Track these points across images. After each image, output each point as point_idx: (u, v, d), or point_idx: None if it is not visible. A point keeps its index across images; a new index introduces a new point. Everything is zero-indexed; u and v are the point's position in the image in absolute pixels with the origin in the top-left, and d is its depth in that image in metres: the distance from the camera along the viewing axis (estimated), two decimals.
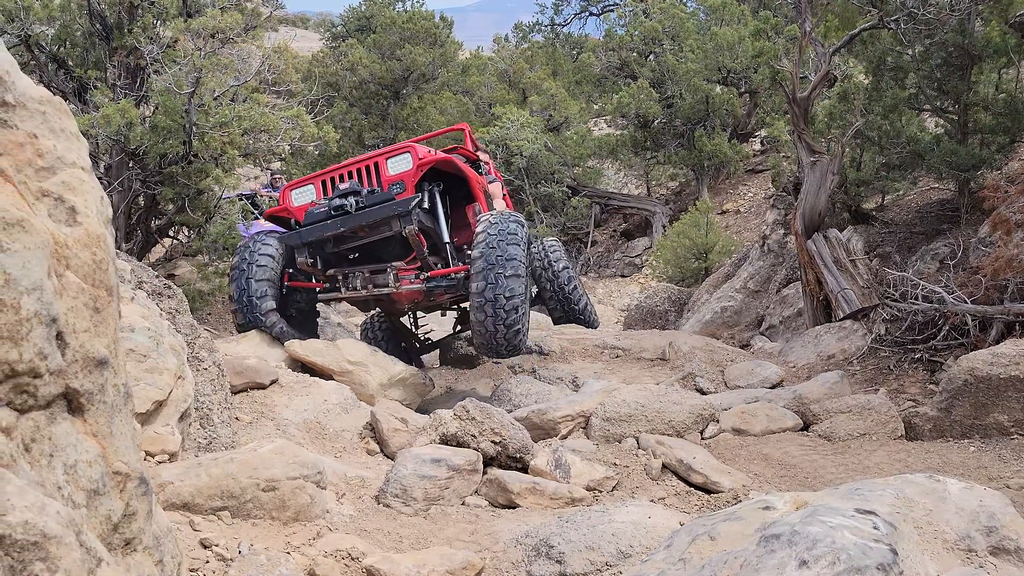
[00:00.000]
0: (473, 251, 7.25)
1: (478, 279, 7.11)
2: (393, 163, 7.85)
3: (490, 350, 7.40)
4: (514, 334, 7.28)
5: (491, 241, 7.21)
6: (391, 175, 7.79)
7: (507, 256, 7.14)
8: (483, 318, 7.11)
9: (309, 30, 43.76)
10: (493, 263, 7.09)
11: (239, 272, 7.77)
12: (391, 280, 7.69)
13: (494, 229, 7.29)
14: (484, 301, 7.08)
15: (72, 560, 1.52)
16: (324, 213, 7.60)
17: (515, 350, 7.43)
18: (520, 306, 7.23)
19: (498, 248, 7.16)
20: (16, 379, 1.60)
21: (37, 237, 1.65)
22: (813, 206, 9.53)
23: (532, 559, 3.81)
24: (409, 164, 7.78)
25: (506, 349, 7.37)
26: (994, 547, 2.80)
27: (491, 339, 7.21)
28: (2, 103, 1.72)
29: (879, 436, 6.29)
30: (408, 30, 24.42)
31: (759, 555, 2.50)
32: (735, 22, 22.00)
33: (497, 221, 7.39)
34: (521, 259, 7.26)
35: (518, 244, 7.28)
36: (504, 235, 7.26)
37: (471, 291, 7.17)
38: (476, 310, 7.13)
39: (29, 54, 12.10)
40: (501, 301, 7.09)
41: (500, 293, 7.07)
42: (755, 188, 21.51)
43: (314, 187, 8.05)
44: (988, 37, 9.14)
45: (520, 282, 7.23)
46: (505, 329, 7.17)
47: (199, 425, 4.82)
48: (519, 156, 20.48)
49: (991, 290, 7.61)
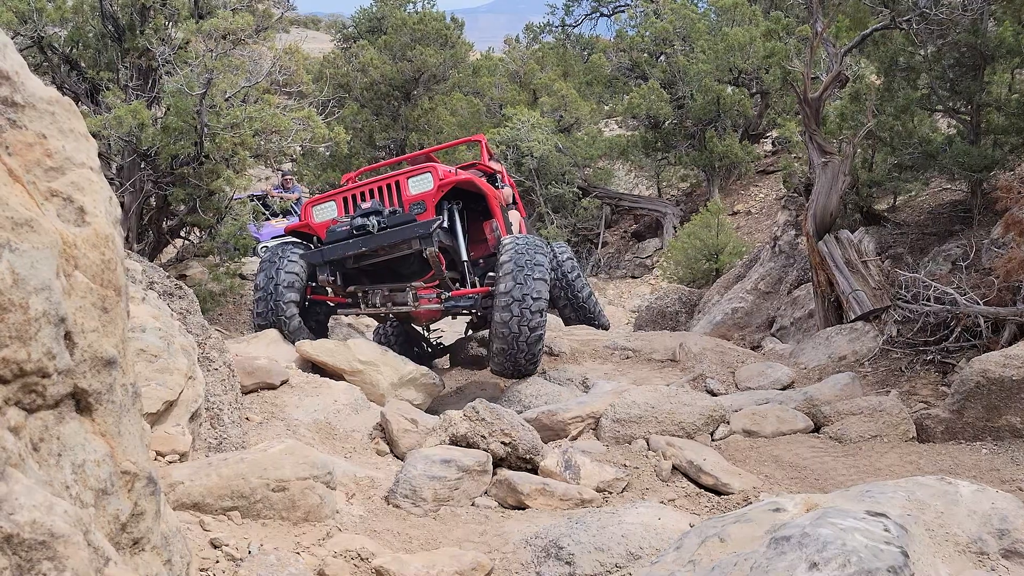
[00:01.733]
0: (502, 255, 7.48)
1: (507, 280, 7.33)
2: (414, 183, 7.99)
3: (507, 356, 7.49)
4: (536, 339, 7.45)
5: (519, 248, 7.49)
6: (412, 195, 7.93)
7: (535, 262, 7.39)
8: (508, 317, 7.25)
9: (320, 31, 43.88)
10: (522, 266, 7.30)
11: (270, 264, 7.96)
12: (410, 299, 7.85)
13: (521, 241, 7.60)
14: (511, 300, 7.26)
15: (80, 559, 1.52)
16: (346, 232, 7.70)
17: (533, 360, 7.59)
18: (543, 311, 7.44)
19: (527, 254, 7.42)
20: (24, 379, 1.60)
21: (46, 237, 1.65)
22: (824, 207, 9.49)
23: (542, 560, 3.80)
24: (430, 184, 7.93)
25: (526, 358, 7.49)
26: (1006, 550, 2.78)
27: (513, 342, 7.34)
28: (11, 103, 1.72)
29: (890, 438, 6.26)
30: (419, 31, 24.46)
31: (769, 557, 2.49)
32: (746, 23, 21.92)
33: (524, 236, 7.74)
34: (547, 266, 7.52)
35: (543, 254, 7.57)
36: (531, 244, 7.56)
37: (499, 292, 7.36)
38: (502, 310, 7.28)
39: (42, 56, 12.16)
40: (528, 302, 7.28)
41: (528, 294, 7.27)
42: (766, 189, 21.44)
43: (335, 204, 8.20)
44: (1001, 37, 9.08)
45: (545, 287, 7.44)
46: (528, 332, 7.32)
47: (209, 425, 4.83)
48: (530, 157, 20.46)
49: (1004, 292, 7.57)
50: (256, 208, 12.64)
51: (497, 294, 7.34)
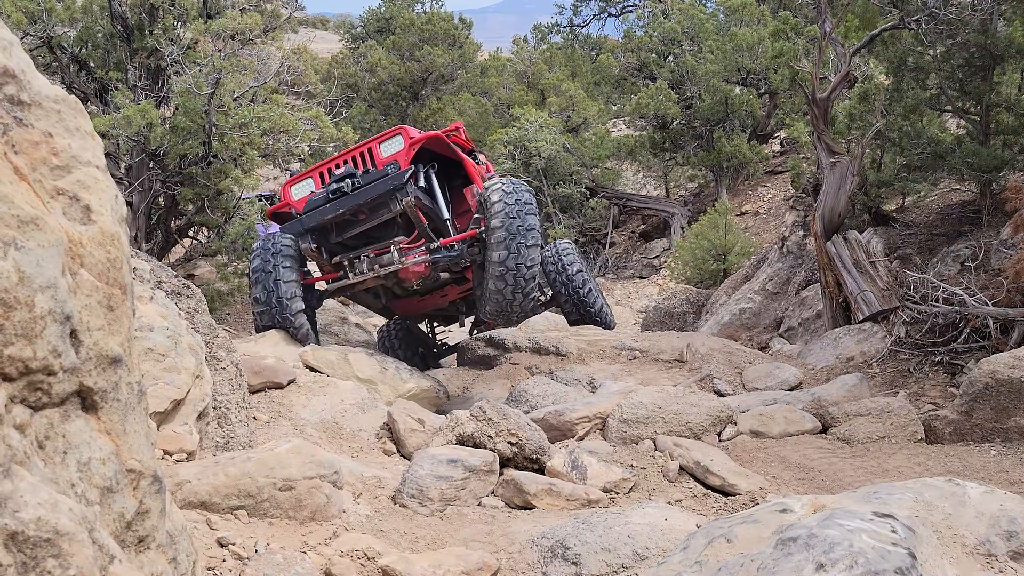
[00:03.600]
0: (492, 220, 7.36)
1: (499, 248, 7.25)
2: (386, 146, 8.07)
3: (502, 316, 7.57)
4: (529, 302, 7.52)
5: (510, 211, 7.36)
6: (384, 157, 7.99)
7: (527, 226, 7.33)
8: (503, 287, 7.26)
9: (329, 31, 43.89)
10: (515, 232, 7.26)
11: (264, 274, 7.82)
12: (396, 256, 7.79)
13: (511, 199, 7.43)
14: (505, 270, 7.25)
15: (84, 557, 1.52)
16: (323, 198, 7.77)
17: (526, 316, 7.62)
18: (536, 276, 7.45)
19: (518, 218, 7.33)
20: (30, 376, 1.60)
21: (51, 235, 1.65)
22: (833, 207, 9.47)
23: (548, 560, 3.80)
24: (401, 144, 8.01)
25: (518, 316, 7.66)
26: (1015, 552, 2.77)
27: (507, 307, 7.41)
28: (18, 102, 1.73)
29: (898, 439, 6.23)
30: (427, 31, 24.49)
31: (776, 558, 2.48)
32: (755, 23, 21.89)
33: (512, 190, 7.53)
34: (539, 229, 7.49)
35: (535, 214, 7.48)
36: (522, 204, 7.42)
37: (491, 260, 7.31)
38: (496, 279, 7.26)
39: (51, 56, 12.21)
40: (523, 271, 7.28)
41: (522, 263, 7.26)
42: (774, 189, 21.40)
43: (312, 179, 8.30)
44: (1011, 37, 9.05)
45: (538, 252, 7.46)
46: (523, 298, 7.39)
47: (217, 424, 4.84)
48: (537, 157, 20.46)
49: (1013, 292, 7.54)
50: (264, 208, 12.63)
51: (490, 263, 7.32)
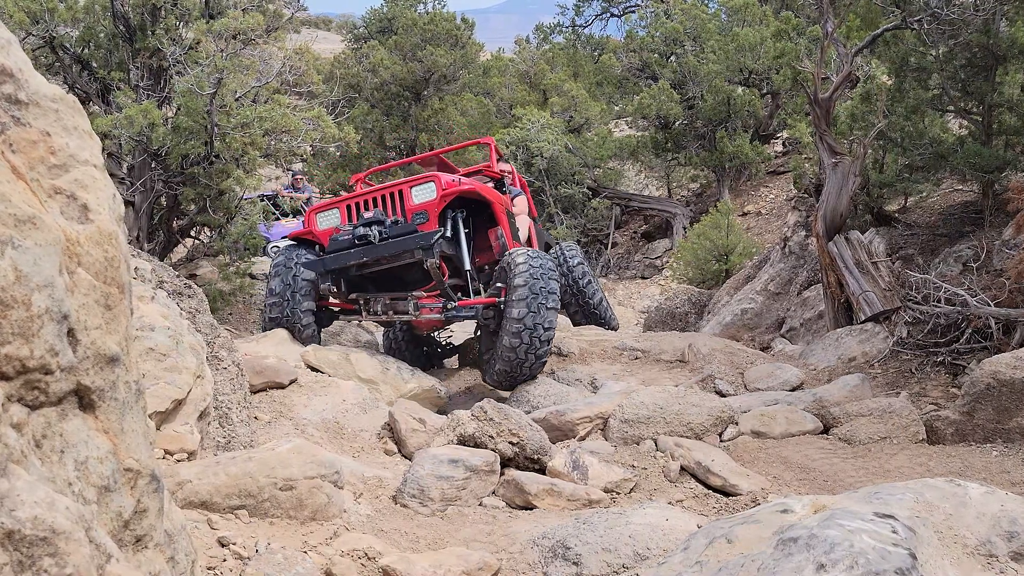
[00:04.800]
0: (515, 279, 7.39)
1: (519, 305, 7.26)
2: (417, 192, 7.97)
3: (509, 378, 7.56)
4: (540, 365, 7.55)
5: (535, 273, 7.39)
6: (415, 204, 7.91)
7: (549, 289, 7.34)
8: (517, 344, 7.25)
9: (331, 32, 43.95)
10: (537, 293, 7.28)
11: (285, 269, 7.89)
12: (411, 308, 7.86)
13: (536, 262, 7.48)
14: (523, 328, 7.24)
15: (81, 556, 1.52)
16: (348, 242, 7.72)
17: (531, 378, 7.64)
18: (551, 340, 7.50)
19: (541, 280, 7.35)
20: (27, 375, 1.60)
21: (49, 234, 1.65)
22: (835, 208, 9.46)
23: (549, 560, 3.80)
24: (433, 194, 7.90)
25: (523, 379, 7.60)
26: (1016, 552, 2.76)
27: (518, 367, 7.40)
28: (15, 101, 1.72)
29: (900, 440, 6.23)
30: (429, 32, 24.47)
31: (776, 558, 2.48)
32: (757, 23, 21.86)
33: (537, 255, 7.59)
34: (558, 296, 7.53)
35: (557, 281, 7.52)
36: (546, 270, 7.45)
37: (510, 316, 7.31)
38: (512, 335, 7.25)
39: (54, 55, 12.22)
40: (539, 331, 7.28)
41: (540, 323, 7.26)
42: (776, 190, 21.38)
43: (339, 211, 8.21)
44: (1013, 37, 9.03)
45: (556, 317, 7.48)
46: (534, 359, 7.38)
47: (218, 424, 4.84)
48: (539, 157, 20.45)
49: (1015, 293, 7.53)
50: (266, 208, 12.63)
51: (508, 319, 7.31)
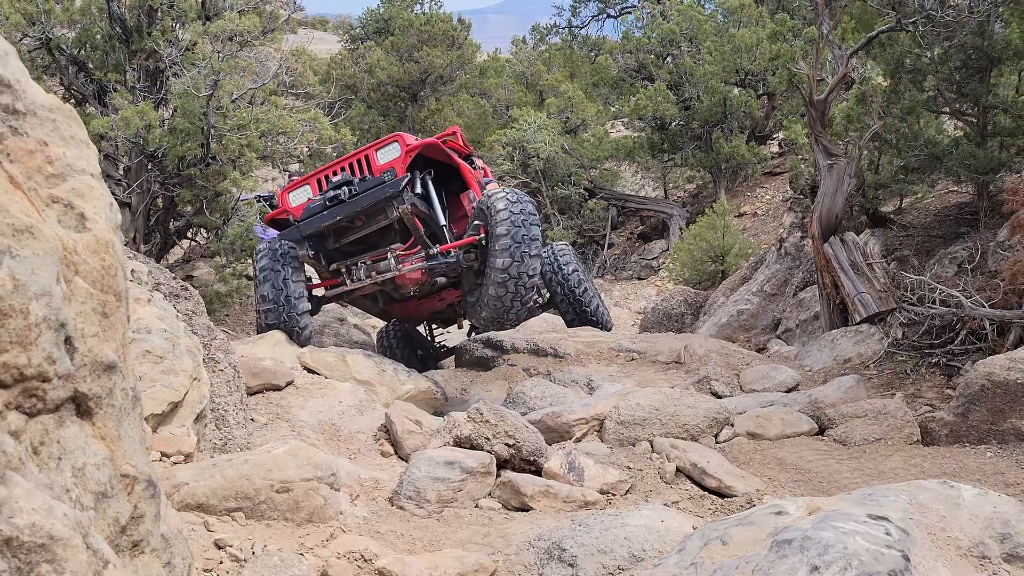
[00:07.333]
0: (497, 228, 7.42)
1: (503, 255, 7.30)
2: (382, 153, 8.15)
3: (496, 324, 7.67)
4: (525, 310, 7.61)
5: (516, 220, 7.41)
6: (381, 164, 8.06)
7: (531, 236, 7.39)
8: (503, 293, 7.32)
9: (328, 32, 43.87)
10: (519, 241, 7.32)
11: (273, 272, 7.84)
12: (392, 263, 7.86)
13: (516, 208, 7.49)
14: (508, 277, 7.30)
15: (78, 562, 1.53)
16: (320, 205, 7.82)
17: (518, 322, 7.74)
18: (536, 286, 7.66)
19: (523, 227, 7.38)
20: (25, 383, 1.61)
21: (46, 243, 1.66)
22: (830, 209, 9.48)
23: (544, 562, 3.81)
24: (398, 152, 8.08)
25: (512, 324, 7.77)
26: (1008, 554, 2.78)
27: (504, 313, 7.49)
28: (13, 111, 1.74)
29: (895, 441, 6.24)
30: (426, 32, 24.51)
31: (771, 560, 2.50)
32: (753, 24, 21.90)
33: (517, 199, 7.58)
34: (541, 239, 7.55)
35: (538, 225, 7.54)
36: (527, 215, 7.48)
37: (493, 266, 7.36)
38: (497, 285, 7.31)
39: (50, 57, 12.23)
40: (524, 279, 7.34)
41: (524, 271, 7.32)
42: (772, 191, 21.41)
43: (310, 186, 8.37)
44: (1008, 39, 9.06)
45: (539, 262, 7.52)
46: (520, 305, 7.46)
47: (214, 426, 4.84)
48: (536, 158, 20.48)
49: (1010, 294, 7.55)
50: (263, 209, 12.64)
51: (493, 269, 7.36)
